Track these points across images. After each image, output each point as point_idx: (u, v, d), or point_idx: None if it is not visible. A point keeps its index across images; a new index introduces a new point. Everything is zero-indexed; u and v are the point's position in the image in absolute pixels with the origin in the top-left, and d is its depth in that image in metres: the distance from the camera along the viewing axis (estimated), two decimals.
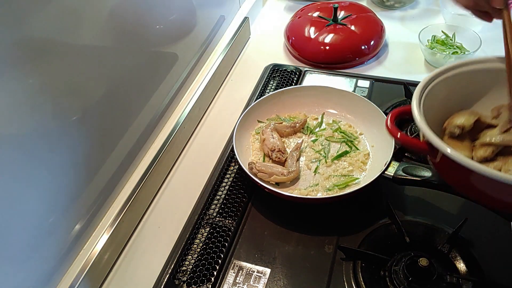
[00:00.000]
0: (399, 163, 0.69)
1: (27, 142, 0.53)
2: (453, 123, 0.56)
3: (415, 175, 0.66)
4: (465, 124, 0.55)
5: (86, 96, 0.63)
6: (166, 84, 0.85)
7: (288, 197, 0.71)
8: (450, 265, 0.63)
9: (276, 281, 0.64)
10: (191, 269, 0.66)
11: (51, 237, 0.60)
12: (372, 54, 1.06)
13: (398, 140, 0.56)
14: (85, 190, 0.65)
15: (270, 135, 0.80)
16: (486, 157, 0.53)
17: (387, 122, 0.56)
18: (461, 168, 0.46)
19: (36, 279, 0.59)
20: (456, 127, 0.55)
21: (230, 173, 0.80)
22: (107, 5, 0.65)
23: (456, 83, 0.58)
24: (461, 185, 0.54)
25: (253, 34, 1.20)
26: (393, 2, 1.22)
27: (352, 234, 0.69)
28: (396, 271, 0.61)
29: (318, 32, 1.06)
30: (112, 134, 0.71)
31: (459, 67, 0.58)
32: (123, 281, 0.68)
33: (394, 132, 0.56)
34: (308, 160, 0.79)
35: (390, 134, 0.56)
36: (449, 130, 0.56)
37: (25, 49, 0.51)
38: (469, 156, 0.54)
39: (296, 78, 1.00)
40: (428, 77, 0.56)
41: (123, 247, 0.72)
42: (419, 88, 0.55)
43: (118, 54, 0.70)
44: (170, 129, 0.84)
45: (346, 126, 0.85)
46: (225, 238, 0.69)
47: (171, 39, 0.86)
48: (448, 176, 0.55)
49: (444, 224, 0.68)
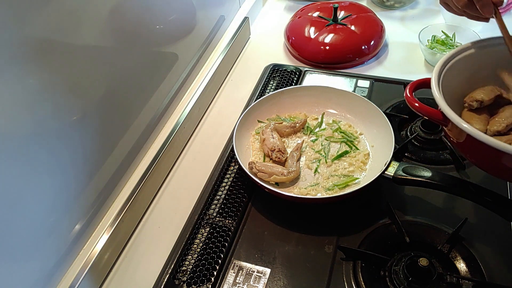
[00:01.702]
0: (399, 163, 0.69)
1: (27, 142, 0.53)
2: (472, 96, 0.57)
3: (415, 175, 0.66)
4: (484, 99, 0.56)
5: (86, 96, 0.63)
6: (166, 84, 0.85)
7: (288, 197, 0.71)
8: (450, 265, 0.63)
9: (276, 281, 0.64)
10: (191, 269, 0.66)
11: (52, 237, 0.60)
12: (372, 54, 1.06)
13: (416, 108, 0.58)
14: (85, 190, 0.65)
15: (270, 135, 0.80)
16: (499, 131, 0.54)
17: (406, 92, 0.58)
18: (471, 139, 0.48)
19: (36, 279, 0.59)
20: (475, 101, 0.56)
21: (230, 173, 0.80)
22: (107, 5, 0.65)
23: (474, 62, 0.59)
24: (474, 156, 0.56)
25: (253, 34, 1.20)
26: (393, 2, 1.22)
27: (352, 234, 0.69)
28: (396, 271, 0.62)
29: (318, 32, 1.06)
30: (112, 134, 0.71)
31: (486, 41, 0.59)
32: (123, 281, 0.68)
33: (412, 101, 0.57)
34: (309, 160, 0.79)
35: (408, 103, 0.57)
36: (468, 103, 0.57)
37: (25, 49, 0.51)
38: (483, 128, 0.56)
39: (296, 78, 1.00)
40: (451, 52, 0.58)
41: (123, 247, 0.72)
42: (440, 63, 0.57)
43: (118, 54, 0.70)
44: (170, 129, 0.84)
45: (346, 126, 0.85)
46: (225, 238, 0.69)
47: (171, 39, 0.86)
48: (461, 147, 0.57)
49: (444, 224, 0.68)
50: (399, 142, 0.80)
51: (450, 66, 0.58)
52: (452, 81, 0.57)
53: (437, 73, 0.56)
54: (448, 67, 0.57)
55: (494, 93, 0.57)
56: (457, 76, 0.58)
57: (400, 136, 0.84)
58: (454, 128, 0.52)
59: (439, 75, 0.56)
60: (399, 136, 0.84)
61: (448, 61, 0.58)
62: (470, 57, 0.59)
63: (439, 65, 0.57)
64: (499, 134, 0.55)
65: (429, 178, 0.65)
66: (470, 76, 0.60)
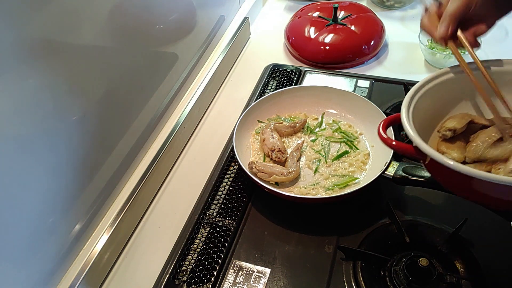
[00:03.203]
0: (399, 163, 0.69)
1: (27, 142, 0.53)
2: (445, 126, 0.57)
3: (415, 175, 0.66)
4: (456, 127, 0.56)
5: (87, 96, 0.63)
6: (166, 84, 0.85)
7: (288, 197, 0.71)
8: (450, 265, 0.63)
9: (276, 281, 0.64)
10: (191, 269, 0.66)
11: (51, 237, 0.60)
12: (372, 54, 1.06)
13: (392, 147, 0.57)
14: (85, 190, 0.65)
15: (270, 135, 0.80)
16: (477, 157, 0.54)
17: (379, 130, 0.57)
18: (446, 170, 0.48)
19: (36, 279, 0.59)
20: (448, 130, 0.56)
21: (230, 173, 0.80)
22: (107, 5, 0.65)
23: (443, 90, 0.59)
24: (452, 185, 0.55)
25: (253, 34, 1.20)
26: (393, 2, 1.22)
27: (352, 234, 0.69)
28: (396, 271, 0.61)
29: (318, 32, 1.06)
30: (112, 134, 0.71)
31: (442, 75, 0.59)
32: (123, 281, 0.68)
33: (387, 140, 0.56)
34: (309, 160, 0.79)
35: (383, 142, 0.56)
36: (441, 133, 0.57)
37: (25, 49, 0.51)
38: (461, 157, 0.55)
39: (296, 78, 1.00)
40: (415, 87, 0.57)
41: (123, 247, 0.72)
42: (407, 97, 0.56)
43: (118, 54, 0.70)
44: (170, 129, 0.84)
45: (346, 126, 0.85)
46: (225, 238, 0.69)
47: (171, 39, 0.86)
48: (439, 177, 0.56)
49: (444, 224, 0.68)
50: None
51: (418, 98, 0.57)
52: (422, 111, 0.57)
53: (406, 107, 0.55)
54: (416, 99, 0.57)
55: (466, 120, 0.57)
56: (427, 106, 0.58)
57: (400, 136, 0.84)
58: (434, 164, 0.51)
59: (408, 109, 0.55)
60: (399, 136, 0.84)
61: (415, 93, 0.57)
62: (437, 86, 0.59)
63: (406, 99, 0.56)
64: (478, 161, 0.55)
65: (429, 178, 0.65)
66: (440, 103, 0.60)
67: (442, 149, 0.57)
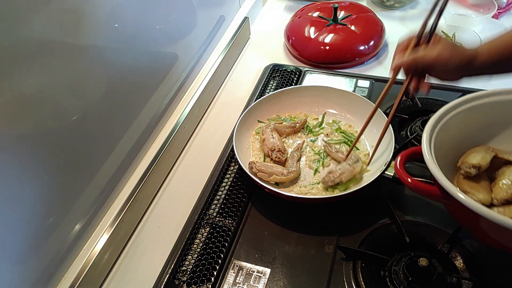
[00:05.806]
0: None
1: (27, 142, 0.53)
2: (468, 162, 0.52)
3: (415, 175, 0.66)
4: (481, 164, 0.51)
5: (87, 96, 0.63)
6: (166, 84, 0.85)
7: (288, 197, 0.71)
8: (450, 265, 0.63)
9: (276, 281, 0.64)
10: (191, 269, 0.66)
11: (51, 237, 0.60)
12: (372, 54, 1.06)
13: (409, 185, 0.52)
14: (85, 190, 0.65)
15: (270, 135, 0.80)
16: (507, 199, 0.49)
17: (396, 165, 0.52)
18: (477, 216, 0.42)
19: (36, 279, 0.59)
20: (472, 167, 0.51)
21: (230, 173, 0.80)
22: (107, 5, 0.65)
23: (471, 117, 0.54)
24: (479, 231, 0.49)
25: (253, 34, 1.20)
26: (393, 2, 1.22)
27: (352, 234, 0.69)
28: (396, 271, 0.61)
29: (318, 32, 1.06)
30: (112, 134, 0.71)
31: (472, 100, 0.54)
32: (123, 281, 0.68)
33: (404, 177, 0.51)
34: (309, 160, 0.79)
35: (400, 179, 0.51)
36: (464, 171, 0.52)
37: (25, 49, 0.51)
38: (488, 198, 0.50)
39: (296, 78, 1.00)
40: (439, 113, 0.52)
41: (123, 247, 0.72)
42: (428, 128, 0.51)
43: (119, 54, 0.70)
44: (170, 129, 0.84)
45: (346, 126, 0.85)
46: (225, 238, 0.69)
47: (171, 39, 0.86)
48: (465, 222, 0.51)
49: (444, 224, 0.68)
50: (399, 142, 0.80)
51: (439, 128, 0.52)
52: (442, 145, 0.51)
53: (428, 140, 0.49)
54: (437, 131, 0.51)
55: (490, 155, 0.52)
56: (446, 138, 0.52)
57: (400, 136, 0.84)
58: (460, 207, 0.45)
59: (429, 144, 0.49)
60: (399, 136, 0.84)
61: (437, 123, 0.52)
62: (458, 116, 0.53)
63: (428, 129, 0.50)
64: (508, 203, 0.49)
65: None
66: (460, 136, 0.55)
67: (465, 187, 0.52)
